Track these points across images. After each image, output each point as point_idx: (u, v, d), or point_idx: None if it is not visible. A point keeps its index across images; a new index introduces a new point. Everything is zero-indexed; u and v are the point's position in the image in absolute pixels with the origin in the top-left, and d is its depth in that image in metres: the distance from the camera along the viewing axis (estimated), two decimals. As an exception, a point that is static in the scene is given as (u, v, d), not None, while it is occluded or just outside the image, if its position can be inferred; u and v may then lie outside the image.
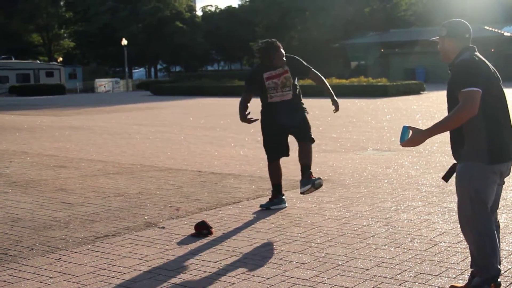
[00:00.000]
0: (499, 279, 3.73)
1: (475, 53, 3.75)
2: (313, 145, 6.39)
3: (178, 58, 78.22)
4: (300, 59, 6.49)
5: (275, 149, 6.49)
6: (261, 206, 6.47)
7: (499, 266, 3.72)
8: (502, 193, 3.89)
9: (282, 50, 6.26)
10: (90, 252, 4.98)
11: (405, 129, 3.68)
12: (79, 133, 15.45)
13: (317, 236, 5.32)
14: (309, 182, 6.16)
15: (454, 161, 3.83)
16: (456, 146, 3.74)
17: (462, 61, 3.68)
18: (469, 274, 3.96)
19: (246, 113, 6.35)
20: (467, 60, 3.67)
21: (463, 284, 3.92)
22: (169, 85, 44.56)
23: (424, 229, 5.46)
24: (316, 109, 21.48)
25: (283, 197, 6.57)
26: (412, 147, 3.79)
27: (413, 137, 3.65)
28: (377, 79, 35.70)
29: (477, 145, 3.63)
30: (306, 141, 6.33)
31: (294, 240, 5.22)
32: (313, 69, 6.49)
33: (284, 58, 6.30)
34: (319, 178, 6.26)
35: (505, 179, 3.83)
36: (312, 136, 6.38)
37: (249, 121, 6.33)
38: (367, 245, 5.00)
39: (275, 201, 6.47)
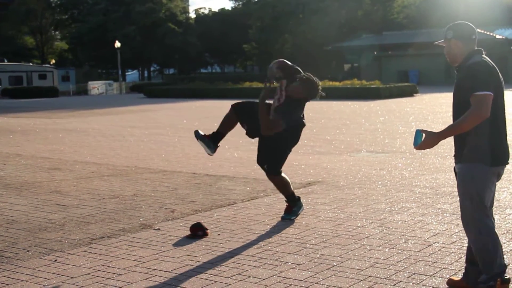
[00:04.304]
0: (506, 275, 3.76)
1: (484, 56, 3.75)
2: (307, 147, 6.33)
3: (172, 61, 78.13)
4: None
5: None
6: (282, 218, 6.03)
7: (503, 262, 3.76)
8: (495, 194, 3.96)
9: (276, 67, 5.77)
10: (86, 253, 5.00)
11: (418, 132, 3.75)
12: (73, 135, 15.44)
13: (312, 237, 5.35)
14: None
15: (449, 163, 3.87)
16: (457, 147, 3.77)
17: (474, 64, 3.67)
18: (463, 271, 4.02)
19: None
20: (479, 63, 3.66)
21: (460, 278, 4.01)
22: (163, 88, 44.47)
23: (418, 230, 5.50)
24: (309, 111, 21.55)
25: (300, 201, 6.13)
26: (426, 149, 3.83)
27: (426, 140, 3.71)
28: (370, 81, 35.82)
29: (480, 147, 3.68)
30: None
31: (289, 241, 5.25)
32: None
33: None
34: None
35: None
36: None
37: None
38: (361, 246, 5.04)
39: (294, 210, 6.07)
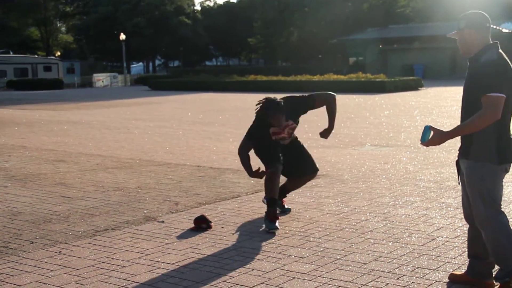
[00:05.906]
0: None
1: (499, 51, 3.62)
2: (311, 141, 6.35)
3: (177, 53, 78.06)
4: (296, 96, 5.82)
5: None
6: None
7: None
8: None
9: (282, 107, 5.48)
10: (90, 245, 5.01)
11: (427, 129, 3.72)
12: (77, 127, 15.46)
13: (316, 231, 5.35)
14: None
15: (454, 158, 3.81)
16: (464, 142, 3.72)
17: (489, 62, 3.55)
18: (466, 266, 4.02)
19: (253, 168, 5.72)
20: (494, 62, 3.55)
21: (463, 272, 4.01)
22: (168, 80, 44.42)
23: (422, 224, 5.50)
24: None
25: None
26: (433, 146, 3.79)
27: (434, 138, 3.68)
28: (375, 75, 35.73)
29: (486, 145, 3.61)
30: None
31: (293, 235, 5.25)
32: (317, 94, 5.84)
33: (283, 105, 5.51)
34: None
35: None
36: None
37: (261, 175, 5.67)
38: (365, 240, 5.04)
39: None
